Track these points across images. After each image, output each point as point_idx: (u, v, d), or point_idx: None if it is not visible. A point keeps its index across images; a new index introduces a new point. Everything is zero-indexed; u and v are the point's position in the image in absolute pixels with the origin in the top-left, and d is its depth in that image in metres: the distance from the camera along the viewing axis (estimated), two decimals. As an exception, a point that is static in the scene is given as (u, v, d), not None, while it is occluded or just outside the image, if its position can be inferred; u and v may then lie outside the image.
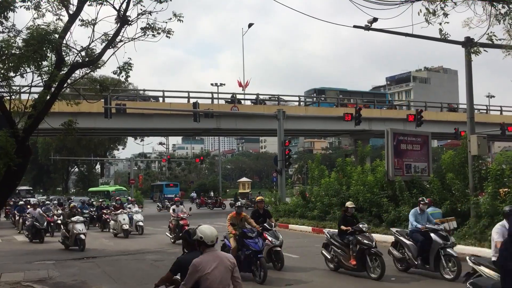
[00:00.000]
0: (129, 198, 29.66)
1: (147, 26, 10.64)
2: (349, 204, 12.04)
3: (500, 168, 15.22)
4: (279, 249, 11.57)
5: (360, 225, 10.91)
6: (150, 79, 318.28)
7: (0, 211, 29.06)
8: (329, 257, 11.49)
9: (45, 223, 20.32)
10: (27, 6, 10.15)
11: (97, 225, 25.67)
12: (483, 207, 14.38)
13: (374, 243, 10.38)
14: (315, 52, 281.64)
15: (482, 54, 11.06)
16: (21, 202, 27.61)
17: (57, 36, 9.87)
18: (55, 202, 33.50)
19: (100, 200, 30.68)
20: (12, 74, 9.97)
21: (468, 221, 15.08)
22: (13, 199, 42.57)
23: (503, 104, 58.62)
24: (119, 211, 21.42)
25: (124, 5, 10.60)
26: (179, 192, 56.27)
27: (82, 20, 10.55)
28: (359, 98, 45.83)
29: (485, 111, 47.53)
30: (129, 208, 22.64)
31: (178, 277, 5.52)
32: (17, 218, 25.44)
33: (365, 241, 10.41)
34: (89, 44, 10.64)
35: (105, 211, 24.74)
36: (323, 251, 11.78)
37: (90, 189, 59.54)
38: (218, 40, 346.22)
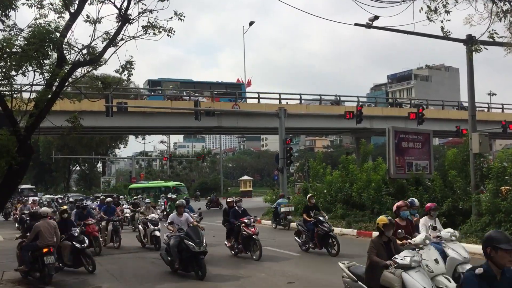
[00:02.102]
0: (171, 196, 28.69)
1: (148, 24, 10.65)
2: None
3: (501, 166, 15.22)
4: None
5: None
6: (150, 78, 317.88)
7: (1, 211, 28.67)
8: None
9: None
10: (29, 4, 10.15)
11: (128, 225, 22.66)
12: (483, 204, 14.37)
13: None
14: (316, 51, 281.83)
15: (483, 52, 11.06)
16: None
17: (58, 34, 9.88)
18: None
19: (135, 198, 28.43)
20: (13, 72, 9.98)
21: (470, 219, 15.08)
22: (17, 198, 42.70)
23: (504, 102, 58.40)
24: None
25: (125, 4, 10.62)
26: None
27: (88, 16, 10.56)
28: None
29: (486, 109, 47.47)
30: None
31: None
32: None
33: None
34: (91, 42, 10.66)
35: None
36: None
37: (133, 185, 53.37)
38: (218, 39, 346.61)
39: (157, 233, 15.40)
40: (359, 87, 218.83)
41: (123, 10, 10.59)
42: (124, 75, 10.86)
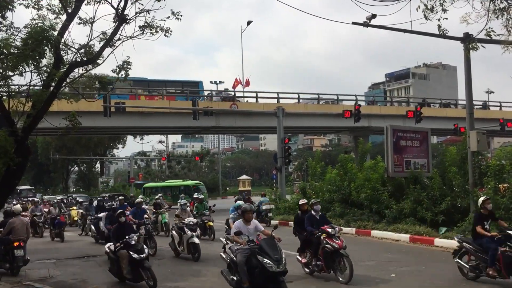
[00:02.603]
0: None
1: (145, 24, 10.63)
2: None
3: (500, 164, 15.26)
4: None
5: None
6: (148, 78, 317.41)
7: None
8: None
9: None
10: (26, 4, 10.13)
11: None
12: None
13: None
14: (314, 50, 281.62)
15: (481, 50, 11.04)
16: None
17: (55, 34, 9.86)
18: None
19: (157, 197, 24.97)
20: (10, 73, 9.97)
21: (468, 217, 15.10)
22: (18, 199, 42.56)
23: (502, 99, 58.58)
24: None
25: (122, 4, 10.61)
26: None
27: (81, 19, 10.55)
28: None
29: (498, 107, 47.45)
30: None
31: None
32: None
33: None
34: (88, 42, 10.64)
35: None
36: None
37: (148, 184, 51.73)
38: (216, 39, 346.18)
39: (196, 240, 13.21)
40: (357, 86, 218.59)
41: (120, 10, 10.57)
42: (121, 75, 10.84)
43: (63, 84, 10.92)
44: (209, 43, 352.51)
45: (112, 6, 10.63)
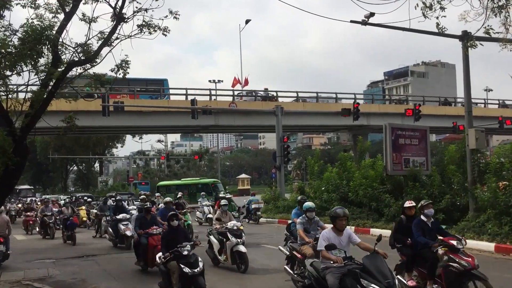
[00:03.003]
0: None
1: (143, 23, 10.61)
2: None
3: (499, 162, 15.28)
4: None
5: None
6: (146, 77, 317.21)
7: None
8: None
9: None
10: (23, 4, 10.11)
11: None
12: (486, 198, 14.39)
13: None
14: (312, 48, 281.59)
15: (480, 48, 11.03)
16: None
17: (53, 33, 9.84)
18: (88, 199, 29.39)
19: (179, 196, 21.79)
20: (8, 72, 9.94)
21: (468, 215, 15.12)
22: (19, 199, 42.43)
23: (501, 97, 58.71)
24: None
25: (119, 3, 10.58)
26: (149, 191, 52.98)
27: (83, 15, 10.53)
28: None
29: (483, 104, 47.54)
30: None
31: None
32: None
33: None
34: (86, 42, 10.61)
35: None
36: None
37: (162, 183, 49.67)
38: (214, 38, 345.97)
39: (242, 248, 11.11)
40: (355, 84, 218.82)
41: (118, 9, 10.55)
42: (120, 74, 10.82)
43: (61, 84, 10.90)
44: (208, 42, 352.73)
45: (110, 5, 10.61)
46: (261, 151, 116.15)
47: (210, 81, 53.05)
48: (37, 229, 21.89)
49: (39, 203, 31.34)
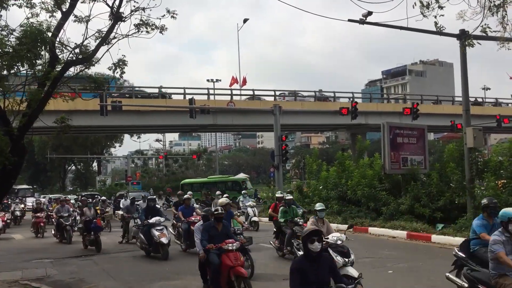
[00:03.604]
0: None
1: (141, 22, 10.60)
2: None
3: (498, 160, 15.35)
4: None
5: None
6: (145, 76, 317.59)
7: None
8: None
9: None
10: (19, 4, 10.09)
11: None
12: (487, 195, 14.43)
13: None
14: (310, 47, 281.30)
15: (477, 47, 11.07)
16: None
17: (50, 33, 9.82)
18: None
19: (218, 194, 20.56)
20: (5, 72, 9.92)
21: (466, 214, 15.15)
22: (19, 198, 42.26)
23: (498, 96, 58.71)
24: None
25: (117, 2, 10.56)
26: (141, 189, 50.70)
27: (76, 16, 10.51)
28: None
29: (485, 103, 47.57)
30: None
31: None
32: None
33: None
34: (83, 41, 10.59)
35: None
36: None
37: (186, 180, 48.19)
38: (212, 37, 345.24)
39: (353, 271, 7.86)
40: (354, 83, 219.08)
41: (115, 8, 10.54)
42: (117, 73, 10.82)
43: (58, 83, 10.88)
44: (204, 41, 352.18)
45: (107, 4, 10.59)
46: (259, 150, 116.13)
47: (208, 80, 53.11)
48: (53, 232, 19.54)
49: (46, 203, 30.72)
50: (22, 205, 33.43)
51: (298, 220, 12.36)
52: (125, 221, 17.50)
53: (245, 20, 50.49)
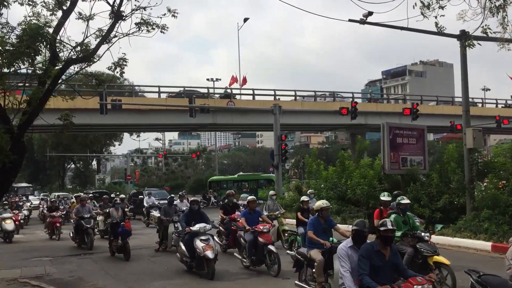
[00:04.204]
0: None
1: (141, 21, 10.60)
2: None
3: (503, 161, 15.36)
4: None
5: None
6: (144, 75, 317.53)
7: None
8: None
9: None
10: (21, 2, 10.08)
11: None
12: (486, 196, 14.44)
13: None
14: (309, 47, 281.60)
15: (477, 47, 11.07)
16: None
17: (50, 31, 9.82)
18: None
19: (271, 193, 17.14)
20: (6, 70, 9.92)
21: (466, 214, 15.16)
22: (18, 196, 42.17)
23: (498, 97, 58.85)
24: None
25: (117, 1, 10.57)
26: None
27: (80, 14, 10.51)
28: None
29: (480, 104, 47.63)
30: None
31: None
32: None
33: None
34: (84, 39, 10.59)
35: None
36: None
37: (214, 178, 46.91)
38: (211, 36, 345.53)
39: None
40: (354, 83, 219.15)
41: (116, 7, 10.54)
42: (117, 72, 10.82)
43: (59, 81, 10.88)
44: (203, 40, 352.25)
45: (108, 2, 10.60)
46: (259, 150, 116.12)
47: (208, 79, 53.14)
48: (70, 235, 17.08)
49: (61, 201, 27.73)
50: (28, 204, 33.31)
51: (423, 234, 9.03)
52: (163, 225, 14.76)
53: (245, 20, 50.49)
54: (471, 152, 16.10)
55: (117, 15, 10.51)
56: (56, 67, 10.24)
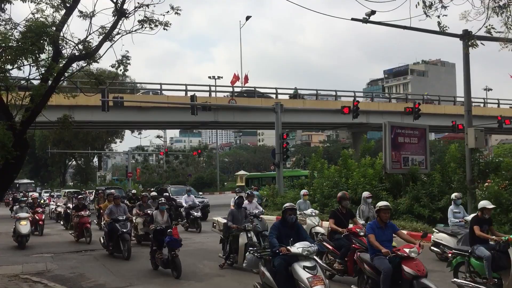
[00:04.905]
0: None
1: (145, 19, 10.59)
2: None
3: (509, 161, 15.37)
4: None
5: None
6: (145, 72, 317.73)
7: None
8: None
9: None
10: (23, -1, 10.08)
11: None
12: (489, 195, 14.44)
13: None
14: (311, 45, 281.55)
15: (480, 47, 11.05)
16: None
17: (54, 28, 9.82)
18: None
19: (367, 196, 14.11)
20: (9, 66, 9.92)
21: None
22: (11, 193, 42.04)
23: (500, 97, 58.81)
24: None
25: (121, -2, 10.55)
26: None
27: (81, 12, 10.51)
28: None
29: (482, 104, 47.58)
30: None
31: None
32: None
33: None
34: (86, 37, 10.57)
35: None
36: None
37: (251, 174, 47.37)
38: (212, 33, 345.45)
39: None
40: (355, 82, 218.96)
41: (119, 4, 10.53)
42: (120, 70, 10.81)
43: (62, 78, 10.88)
44: (204, 38, 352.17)
45: (111, 0, 10.59)
46: (260, 148, 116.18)
47: (209, 77, 53.13)
48: (101, 241, 14.49)
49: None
50: (31, 200, 31.11)
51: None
52: (231, 234, 11.49)
53: (247, 18, 50.52)
54: (473, 152, 16.10)
55: (120, 12, 10.50)
56: (59, 64, 10.24)
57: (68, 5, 10.26)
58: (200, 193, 34.24)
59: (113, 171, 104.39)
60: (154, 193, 19.10)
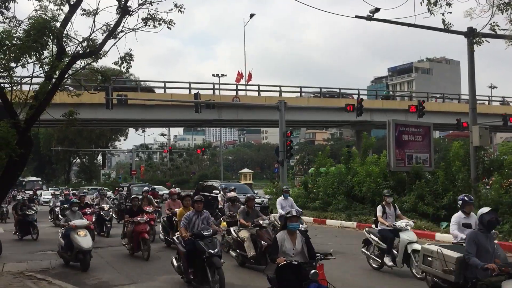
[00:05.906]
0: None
1: (148, 16, 10.59)
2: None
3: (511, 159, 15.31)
4: None
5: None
6: (148, 70, 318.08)
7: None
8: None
9: None
10: (28, -4, 10.10)
11: None
12: (490, 197, 14.40)
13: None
14: (315, 43, 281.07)
15: (485, 45, 11.01)
16: None
17: (57, 24, 9.83)
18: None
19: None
20: (13, 64, 9.95)
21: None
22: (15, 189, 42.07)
23: (505, 94, 58.55)
24: None
25: (125, -5, 10.55)
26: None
27: (84, 10, 10.52)
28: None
29: (487, 101, 47.40)
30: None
31: None
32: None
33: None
34: (90, 34, 10.59)
35: None
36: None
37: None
38: (215, 31, 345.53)
39: None
40: (359, 80, 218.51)
41: (123, 2, 10.53)
42: (123, 67, 10.81)
43: (66, 76, 10.90)
44: (207, 36, 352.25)
45: (115, -3, 10.59)
46: (263, 146, 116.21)
47: (213, 75, 53.19)
48: (174, 264, 9.82)
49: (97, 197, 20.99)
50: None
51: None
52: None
53: (251, 15, 50.44)
54: (477, 150, 16.05)
55: (124, 10, 10.50)
56: (63, 62, 10.25)
57: (72, 2, 10.27)
58: (256, 191, 31.10)
59: (117, 169, 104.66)
60: (233, 194, 14.71)
